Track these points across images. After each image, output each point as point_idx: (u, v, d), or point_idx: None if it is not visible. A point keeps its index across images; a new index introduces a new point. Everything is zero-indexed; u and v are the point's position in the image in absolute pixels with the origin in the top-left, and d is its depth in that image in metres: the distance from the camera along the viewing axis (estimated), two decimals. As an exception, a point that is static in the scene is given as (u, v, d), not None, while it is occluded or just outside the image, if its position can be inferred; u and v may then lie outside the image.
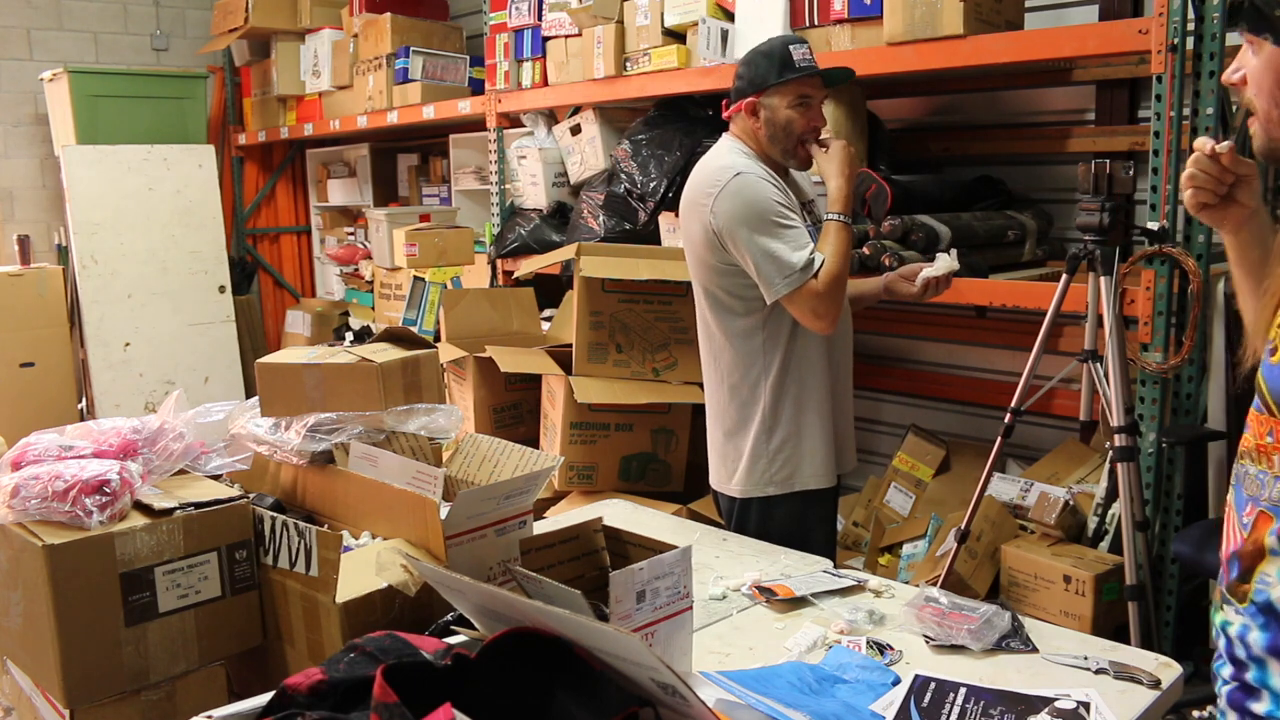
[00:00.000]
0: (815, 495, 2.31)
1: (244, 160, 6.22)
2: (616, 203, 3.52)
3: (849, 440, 2.41)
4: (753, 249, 2.14)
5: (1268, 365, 1.11)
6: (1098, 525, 2.70)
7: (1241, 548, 1.14)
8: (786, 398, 2.27)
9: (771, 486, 2.28)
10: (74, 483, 1.58)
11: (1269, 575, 1.10)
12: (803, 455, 2.28)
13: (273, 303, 6.35)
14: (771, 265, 2.13)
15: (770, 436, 2.27)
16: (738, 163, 2.19)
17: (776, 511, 2.29)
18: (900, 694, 1.39)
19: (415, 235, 4.10)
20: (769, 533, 2.21)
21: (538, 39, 3.91)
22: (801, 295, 2.13)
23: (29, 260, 5.29)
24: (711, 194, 2.17)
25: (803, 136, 2.23)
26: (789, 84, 2.19)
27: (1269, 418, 1.11)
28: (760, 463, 2.29)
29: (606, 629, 1.02)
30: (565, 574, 1.56)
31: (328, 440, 1.89)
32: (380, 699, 0.98)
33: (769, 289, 2.15)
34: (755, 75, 2.21)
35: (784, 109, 2.20)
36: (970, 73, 3.08)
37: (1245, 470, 1.15)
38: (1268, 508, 1.10)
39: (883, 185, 2.70)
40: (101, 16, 5.74)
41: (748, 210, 2.14)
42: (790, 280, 2.12)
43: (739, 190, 2.14)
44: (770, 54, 2.21)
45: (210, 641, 1.68)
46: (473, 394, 3.46)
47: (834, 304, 2.15)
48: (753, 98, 2.21)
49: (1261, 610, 1.11)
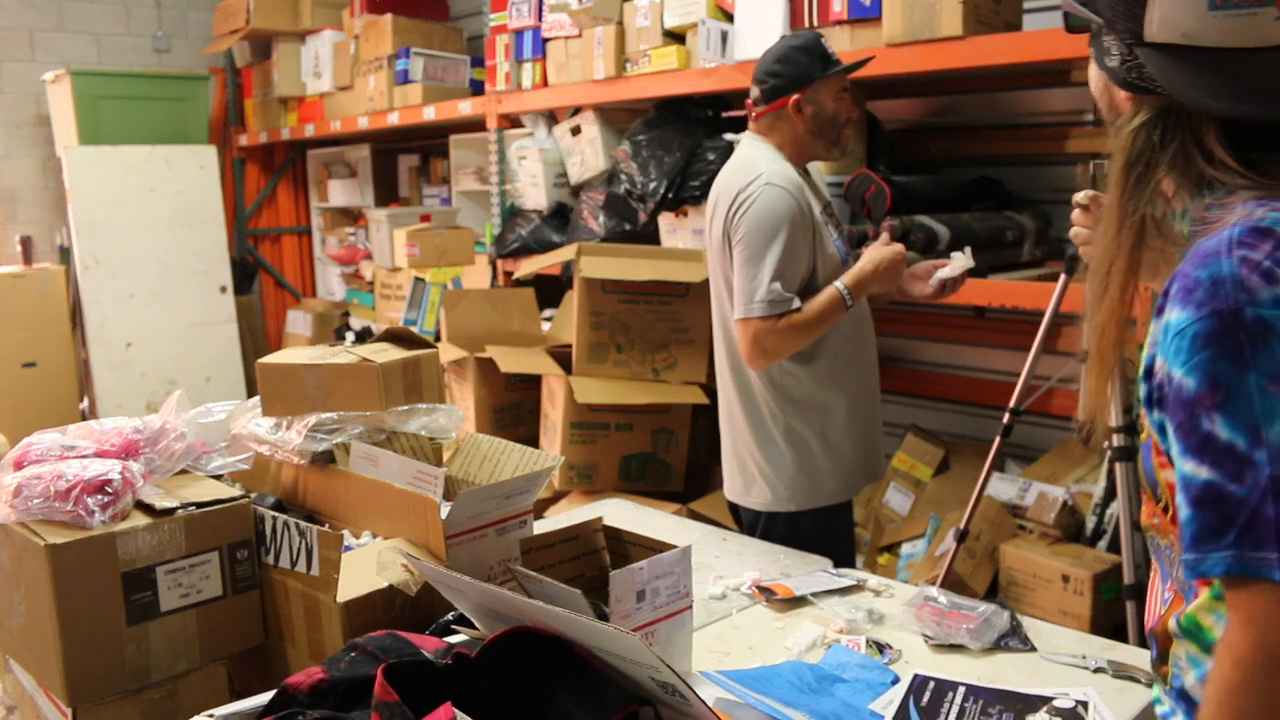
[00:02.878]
0: (838, 509, 2.30)
1: (245, 161, 6.22)
2: (616, 203, 3.53)
3: (876, 449, 2.40)
4: (740, 260, 2.15)
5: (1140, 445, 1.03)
6: (1096, 525, 2.71)
7: (1155, 626, 1.07)
8: (810, 412, 2.25)
9: (792, 504, 2.26)
10: (76, 482, 1.58)
11: (1180, 659, 1.02)
12: (826, 471, 2.26)
13: (274, 303, 6.36)
14: (746, 282, 2.14)
15: (793, 452, 2.25)
16: (771, 171, 2.17)
17: (802, 527, 2.26)
18: (899, 693, 1.40)
19: (416, 236, 4.11)
20: (796, 544, 2.16)
21: (538, 40, 3.92)
22: (752, 326, 2.13)
23: (31, 261, 5.30)
24: (740, 198, 2.17)
25: (844, 126, 2.25)
26: (833, 77, 2.20)
27: (1151, 502, 1.03)
28: (783, 479, 2.26)
29: (606, 628, 1.03)
30: (565, 574, 1.56)
31: (329, 440, 1.89)
32: (381, 698, 0.99)
33: (736, 305, 2.16)
34: (798, 72, 2.20)
35: (831, 101, 2.21)
36: (970, 74, 3.08)
37: (1155, 543, 1.07)
38: (1179, 588, 1.03)
39: (882, 185, 2.70)
40: (103, 18, 5.75)
41: (757, 222, 2.13)
42: (751, 308, 2.12)
43: (761, 200, 2.13)
44: (809, 49, 2.21)
45: (212, 641, 1.68)
46: (473, 394, 3.46)
47: (776, 353, 2.16)
48: (796, 94, 2.20)
49: (1180, 695, 1.03)
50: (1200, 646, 0.99)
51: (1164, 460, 0.97)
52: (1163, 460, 0.97)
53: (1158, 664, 1.07)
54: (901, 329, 3.61)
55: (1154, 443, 0.98)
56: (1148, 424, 0.98)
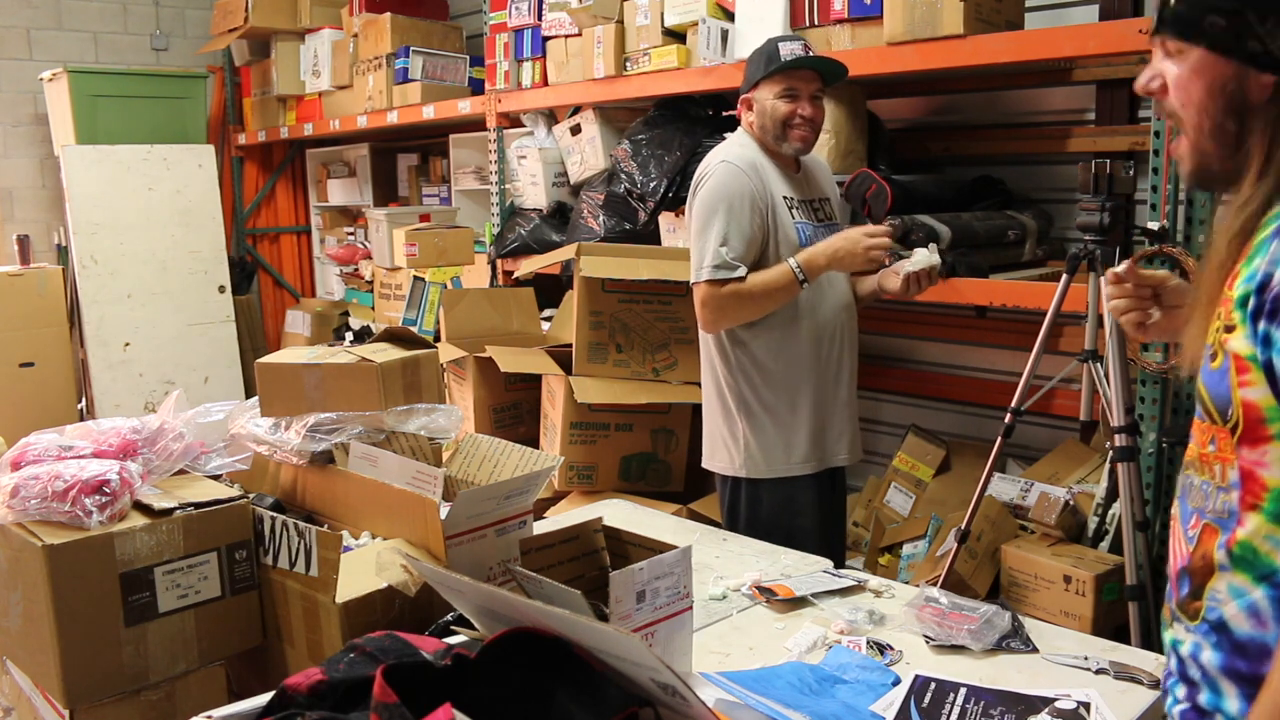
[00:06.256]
0: (797, 482, 2.40)
1: (244, 160, 6.21)
2: (616, 203, 3.52)
3: (843, 432, 2.47)
4: (693, 230, 2.35)
5: (1207, 371, 1.06)
6: (1098, 525, 2.70)
7: (1190, 563, 1.08)
8: (760, 383, 2.38)
9: (744, 470, 2.40)
10: (74, 483, 1.58)
11: (1219, 592, 1.04)
12: (777, 443, 2.38)
13: (273, 303, 6.35)
14: (696, 251, 2.32)
15: (744, 420, 2.39)
16: (731, 153, 2.37)
17: (762, 497, 2.40)
18: (900, 694, 1.39)
19: (415, 235, 4.10)
20: (759, 515, 2.37)
21: (538, 39, 3.91)
22: (701, 290, 2.30)
23: (29, 260, 5.29)
24: (698, 181, 2.38)
25: (788, 123, 2.35)
26: (774, 77, 2.34)
27: (1210, 425, 1.06)
28: (736, 445, 2.41)
29: (606, 629, 1.02)
30: (565, 574, 1.55)
31: (328, 440, 1.88)
32: (380, 699, 0.98)
33: (691, 272, 2.34)
34: (750, 73, 2.39)
35: (770, 99, 2.35)
36: (970, 73, 3.08)
37: (1190, 481, 1.11)
38: (1213, 520, 1.05)
39: (883, 185, 2.70)
40: (101, 16, 5.74)
41: (708, 195, 2.32)
42: (700, 272, 2.30)
43: (714, 176, 2.32)
44: (762, 51, 2.39)
45: (210, 641, 1.68)
46: (473, 394, 3.45)
47: (724, 317, 2.32)
48: (748, 94, 2.40)
49: (1214, 629, 1.05)
50: (1253, 575, 1.01)
51: (1246, 379, 1.00)
52: (1245, 379, 1.00)
53: (1186, 601, 1.08)
54: (902, 329, 3.61)
55: (1235, 362, 1.01)
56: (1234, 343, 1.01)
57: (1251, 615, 1.01)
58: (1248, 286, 1.00)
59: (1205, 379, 1.06)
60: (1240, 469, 1.02)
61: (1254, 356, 0.99)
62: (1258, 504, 1.00)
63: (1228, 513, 1.03)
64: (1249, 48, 1.03)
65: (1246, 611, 1.01)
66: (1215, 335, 1.04)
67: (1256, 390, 0.99)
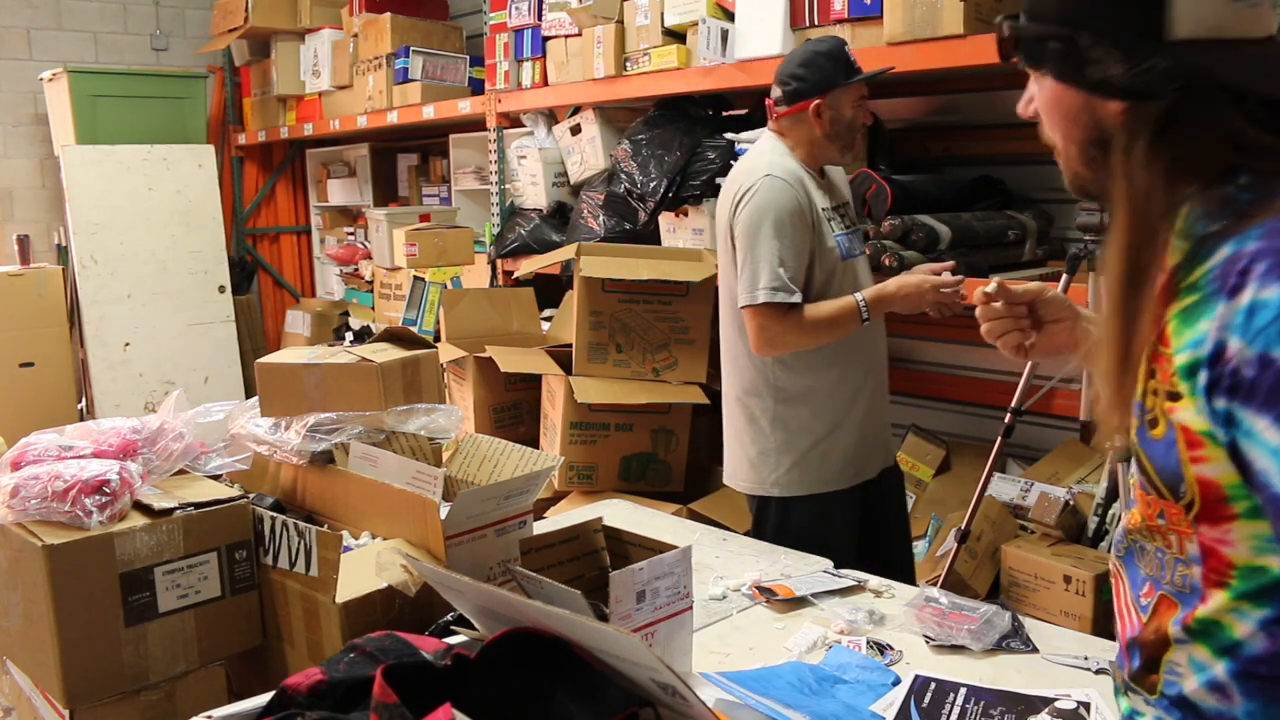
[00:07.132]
0: (832, 498, 2.32)
1: (244, 160, 6.21)
2: (616, 203, 3.52)
3: (878, 443, 2.42)
4: (743, 248, 2.21)
5: (1147, 439, 0.96)
6: (1098, 525, 2.70)
7: (1141, 634, 1.01)
8: (801, 400, 2.29)
9: (777, 489, 2.31)
10: (74, 483, 1.58)
11: (1179, 665, 0.96)
12: (815, 459, 2.30)
13: (273, 303, 6.35)
14: (749, 271, 2.19)
15: (779, 438, 2.30)
16: (774, 165, 2.25)
17: (793, 514, 2.31)
18: (900, 694, 1.39)
19: (415, 235, 4.10)
20: (788, 532, 2.24)
21: (538, 39, 3.91)
22: (758, 313, 2.19)
23: (29, 260, 5.29)
24: (741, 193, 2.24)
25: (859, 131, 2.31)
26: (854, 85, 2.26)
27: (1158, 500, 0.96)
28: (768, 464, 2.31)
29: (606, 629, 1.02)
30: (565, 574, 1.55)
31: (328, 440, 1.88)
32: (380, 699, 0.98)
33: (741, 293, 2.21)
34: (820, 78, 2.25)
35: (849, 108, 2.27)
36: (970, 73, 3.08)
37: (1140, 546, 1.02)
38: (1171, 592, 0.97)
39: (883, 185, 2.70)
40: (101, 16, 5.74)
41: (757, 212, 2.19)
42: (755, 294, 2.17)
43: (762, 191, 2.20)
44: (833, 56, 2.26)
45: (210, 642, 1.68)
46: (473, 394, 3.45)
47: (782, 344, 2.22)
48: (818, 99, 2.25)
49: (1175, 704, 0.97)
50: (1213, 648, 0.94)
51: (1200, 455, 0.90)
52: (1198, 455, 0.90)
53: (1141, 674, 1.02)
54: (902, 329, 3.61)
55: (1184, 435, 0.91)
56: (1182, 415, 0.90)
57: (1214, 690, 0.94)
58: (1195, 354, 0.87)
59: (1146, 447, 0.96)
60: (1200, 544, 0.92)
61: (1210, 433, 0.88)
62: (1225, 581, 0.91)
63: (1189, 588, 0.95)
64: (1089, 74, 0.96)
65: (1208, 687, 0.94)
66: (1154, 401, 0.93)
67: (1214, 467, 0.89)
